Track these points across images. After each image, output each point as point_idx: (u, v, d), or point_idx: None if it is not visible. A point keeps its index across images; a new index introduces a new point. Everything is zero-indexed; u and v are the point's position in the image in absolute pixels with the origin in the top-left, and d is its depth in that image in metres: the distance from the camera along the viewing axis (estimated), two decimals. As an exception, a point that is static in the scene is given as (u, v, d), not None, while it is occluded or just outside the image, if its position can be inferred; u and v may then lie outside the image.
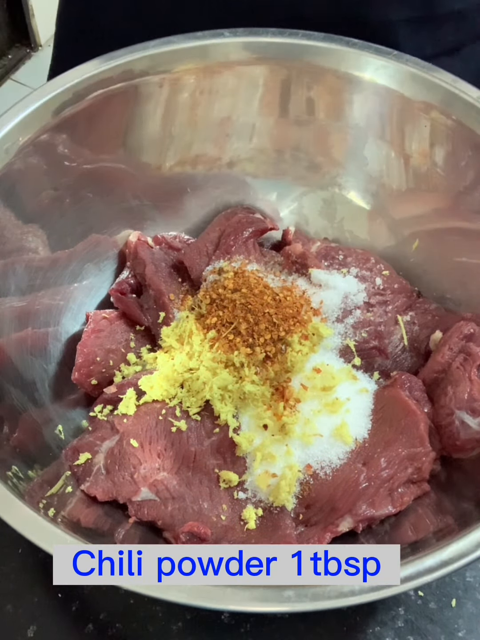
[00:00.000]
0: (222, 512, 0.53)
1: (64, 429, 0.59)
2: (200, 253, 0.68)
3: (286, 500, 0.53)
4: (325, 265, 0.67)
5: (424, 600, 0.53)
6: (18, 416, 0.55)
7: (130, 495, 0.53)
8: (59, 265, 0.64)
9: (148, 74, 0.62)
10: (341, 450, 0.55)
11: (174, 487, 0.54)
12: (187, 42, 0.62)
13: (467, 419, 0.54)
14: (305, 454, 0.55)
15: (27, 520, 0.43)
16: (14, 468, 0.50)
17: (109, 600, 0.54)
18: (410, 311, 0.65)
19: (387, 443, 0.54)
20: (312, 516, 0.53)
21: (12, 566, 0.55)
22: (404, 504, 0.53)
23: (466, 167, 0.61)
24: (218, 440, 0.56)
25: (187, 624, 0.53)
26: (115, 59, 0.60)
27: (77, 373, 0.62)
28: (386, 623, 0.53)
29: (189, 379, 0.58)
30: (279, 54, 0.63)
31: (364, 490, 0.52)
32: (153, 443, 0.56)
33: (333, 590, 0.40)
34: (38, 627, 0.53)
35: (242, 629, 0.52)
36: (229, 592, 0.40)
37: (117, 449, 0.55)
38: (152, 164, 0.68)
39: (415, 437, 0.54)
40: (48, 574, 0.55)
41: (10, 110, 0.57)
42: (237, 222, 0.68)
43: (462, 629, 0.52)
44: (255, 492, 0.55)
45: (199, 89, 0.64)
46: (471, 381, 0.55)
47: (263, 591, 0.40)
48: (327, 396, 0.57)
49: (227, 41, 0.62)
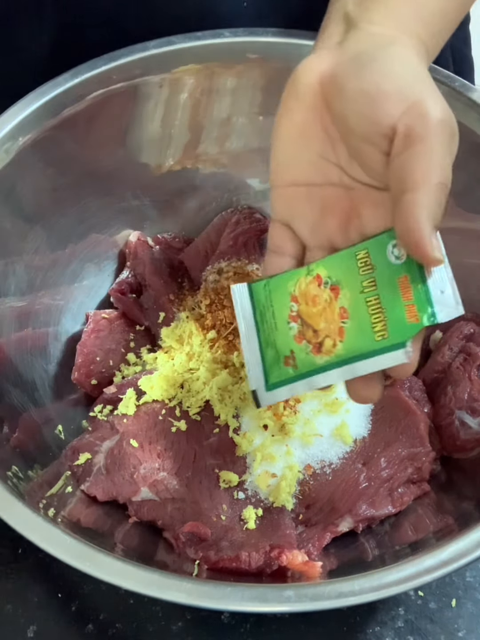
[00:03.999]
0: (222, 512, 0.53)
1: (64, 429, 0.59)
2: (200, 253, 0.68)
3: (286, 500, 0.53)
4: (325, 265, 0.67)
5: (424, 600, 0.53)
6: (18, 416, 0.55)
7: (130, 495, 0.53)
8: (59, 265, 0.64)
9: (148, 74, 0.62)
10: (341, 450, 0.55)
11: (174, 487, 0.54)
12: (187, 42, 0.62)
13: (467, 419, 0.54)
14: (305, 454, 0.55)
15: (27, 520, 0.43)
16: (14, 468, 0.50)
17: (109, 600, 0.54)
18: (410, 311, 0.65)
19: (387, 443, 0.54)
20: (312, 516, 0.53)
21: (12, 566, 0.55)
22: (404, 504, 0.53)
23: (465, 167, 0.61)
24: (218, 441, 0.56)
25: (187, 624, 0.53)
26: (115, 59, 0.60)
27: (77, 373, 0.62)
28: (386, 623, 0.53)
29: (189, 379, 0.58)
30: (279, 54, 0.63)
31: (364, 490, 0.52)
32: (153, 443, 0.56)
33: (333, 590, 0.40)
34: (38, 627, 0.53)
35: (242, 629, 0.52)
36: (229, 592, 0.40)
37: (117, 449, 0.55)
38: (152, 164, 0.68)
39: (415, 437, 0.54)
40: (48, 574, 0.55)
41: (10, 110, 0.57)
42: (237, 222, 0.68)
43: (462, 629, 0.52)
44: (255, 492, 0.55)
45: (199, 89, 0.64)
46: (471, 381, 0.55)
47: (263, 591, 0.40)
48: (326, 396, 0.57)
49: (227, 41, 0.62)
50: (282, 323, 0.42)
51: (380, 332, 0.38)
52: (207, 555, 0.49)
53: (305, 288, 0.42)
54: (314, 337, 0.41)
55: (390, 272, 0.39)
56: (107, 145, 0.64)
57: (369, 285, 0.40)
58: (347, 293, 0.40)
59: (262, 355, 0.43)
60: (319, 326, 0.41)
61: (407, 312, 0.38)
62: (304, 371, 0.41)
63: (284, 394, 0.42)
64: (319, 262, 0.42)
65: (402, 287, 0.38)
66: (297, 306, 0.42)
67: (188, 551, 0.51)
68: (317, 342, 0.41)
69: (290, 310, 0.42)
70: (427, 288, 0.38)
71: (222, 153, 0.69)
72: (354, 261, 0.40)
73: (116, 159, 0.65)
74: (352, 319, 0.40)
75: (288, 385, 0.41)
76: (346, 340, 0.40)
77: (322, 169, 0.43)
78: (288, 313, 0.42)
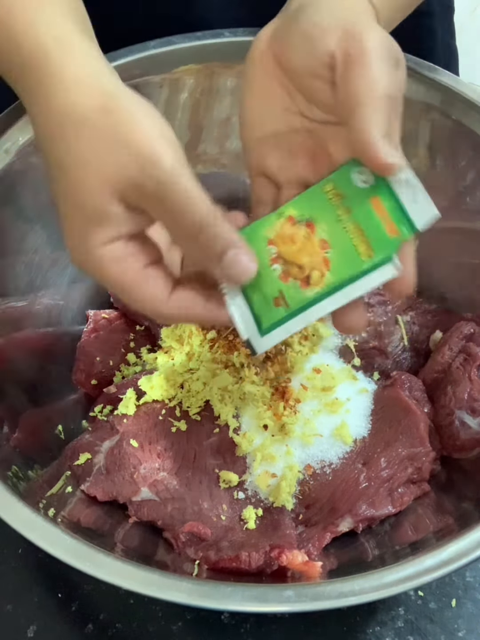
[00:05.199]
0: (222, 512, 0.53)
1: (64, 429, 0.59)
2: (200, 253, 0.68)
3: (286, 500, 0.53)
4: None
5: (424, 600, 0.53)
6: (18, 416, 0.55)
7: (130, 495, 0.53)
8: (58, 265, 0.64)
9: (148, 74, 0.62)
10: (341, 450, 0.55)
11: (174, 487, 0.54)
12: (187, 42, 0.62)
13: (467, 419, 0.54)
14: (305, 454, 0.55)
15: (27, 520, 0.43)
16: (14, 468, 0.50)
17: (109, 600, 0.54)
18: (410, 311, 0.65)
19: (387, 443, 0.54)
20: (312, 516, 0.53)
21: (12, 566, 0.55)
22: (404, 504, 0.53)
23: (466, 167, 0.61)
24: (218, 441, 0.56)
25: (187, 624, 0.53)
26: (115, 59, 0.60)
27: (77, 373, 0.62)
28: (386, 623, 0.53)
29: (189, 379, 0.58)
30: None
31: (364, 490, 0.52)
32: (153, 443, 0.56)
33: (333, 590, 0.40)
34: (38, 627, 0.53)
35: (242, 629, 0.52)
36: (229, 592, 0.40)
37: (117, 449, 0.55)
38: (152, 164, 0.68)
39: (415, 437, 0.54)
40: (48, 574, 0.55)
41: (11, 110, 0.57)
42: (237, 222, 0.68)
43: (462, 629, 0.52)
44: (255, 492, 0.55)
45: (199, 89, 0.64)
46: (471, 381, 0.55)
47: (263, 591, 0.40)
48: (327, 396, 0.57)
49: (227, 41, 0.62)
50: (264, 268, 0.42)
51: (365, 253, 0.40)
52: (207, 555, 0.49)
53: (280, 230, 0.42)
54: (300, 272, 0.41)
55: (361, 197, 0.41)
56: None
57: (344, 213, 0.41)
58: (323, 225, 0.41)
59: (250, 304, 0.42)
60: (302, 261, 0.41)
61: (387, 228, 0.40)
62: (295, 308, 0.41)
63: (280, 335, 0.42)
64: (288, 204, 0.43)
65: (376, 207, 0.40)
66: (276, 248, 0.42)
67: (188, 551, 0.51)
68: (304, 276, 0.41)
69: (269, 254, 0.42)
70: (399, 201, 0.39)
71: (222, 153, 0.69)
72: (322, 195, 0.42)
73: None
74: (334, 247, 0.41)
75: (282, 326, 0.42)
76: (333, 268, 0.41)
77: (286, 120, 0.45)
78: (269, 257, 0.42)
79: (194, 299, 0.41)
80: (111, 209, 0.38)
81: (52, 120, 0.38)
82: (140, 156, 0.37)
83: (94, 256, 0.39)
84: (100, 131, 0.37)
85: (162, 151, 0.37)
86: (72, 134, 0.37)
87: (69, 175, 0.38)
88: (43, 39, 0.39)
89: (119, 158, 0.37)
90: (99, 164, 0.37)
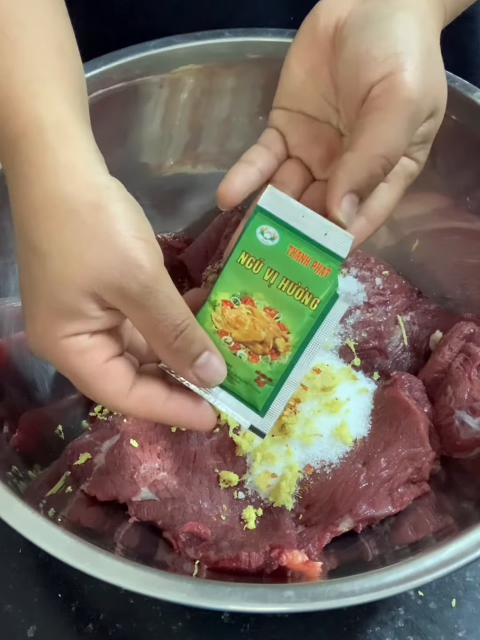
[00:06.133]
0: (222, 512, 0.53)
1: (64, 429, 0.59)
2: (200, 253, 0.68)
3: (286, 500, 0.53)
4: (325, 265, 0.67)
5: (424, 600, 0.53)
6: (18, 416, 0.55)
7: (130, 495, 0.53)
8: (59, 265, 0.64)
9: (148, 74, 0.62)
10: (341, 450, 0.55)
11: (174, 487, 0.54)
12: (187, 42, 0.62)
13: (467, 419, 0.54)
14: (305, 454, 0.55)
15: (27, 520, 0.43)
16: (14, 468, 0.50)
17: (109, 600, 0.54)
18: (410, 311, 0.65)
19: (387, 443, 0.54)
20: (312, 516, 0.53)
21: (12, 566, 0.55)
22: (404, 504, 0.53)
23: (466, 167, 0.61)
24: (218, 440, 0.56)
25: (187, 624, 0.53)
26: (115, 59, 0.60)
27: (77, 373, 0.62)
28: (386, 623, 0.53)
29: (189, 379, 0.58)
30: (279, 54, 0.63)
31: (364, 490, 0.52)
32: (153, 443, 0.56)
33: (333, 590, 0.40)
34: (38, 627, 0.53)
35: (242, 629, 0.52)
36: (229, 592, 0.40)
37: (117, 449, 0.55)
38: (152, 164, 0.68)
39: (415, 437, 0.54)
40: (48, 574, 0.55)
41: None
42: (237, 222, 0.68)
43: (462, 629, 0.52)
44: (255, 492, 0.55)
45: (199, 89, 0.64)
46: (471, 381, 0.55)
47: (263, 591, 0.40)
48: (327, 396, 0.57)
49: (227, 41, 0.62)
50: (230, 359, 0.42)
51: (311, 301, 0.41)
52: (207, 555, 0.49)
53: (222, 318, 0.42)
54: (265, 347, 0.42)
55: (276, 254, 0.41)
56: (107, 145, 0.64)
57: (270, 275, 0.41)
58: (259, 294, 0.41)
59: (237, 395, 0.43)
60: (261, 337, 0.42)
61: (316, 270, 0.41)
62: (278, 379, 0.42)
63: (279, 407, 0.43)
64: (213, 291, 0.42)
65: (295, 256, 0.41)
66: (230, 337, 0.42)
67: (188, 551, 0.51)
68: (270, 348, 0.42)
69: (227, 344, 0.42)
70: (312, 242, 0.41)
71: (222, 153, 0.69)
72: (241, 268, 0.42)
73: (116, 159, 0.65)
74: (281, 310, 0.41)
75: (276, 398, 0.42)
76: (291, 329, 0.41)
77: (322, 109, 0.46)
78: (228, 348, 0.42)
79: (156, 396, 0.40)
80: (86, 306, 0.37)
81: (37, 202, 0.36)
82: (127, 259, 0.36)
83: (57, 347, 0.38)
84: (87, 227, 0.36)
85: (147, 256, 0.36)
86: (56, 221, 0.36)
87: (46, 264, 0.37)
88: (41, 116, 0.37)
89: (104, 257, 0.35)
90: (83, 259, 0.36)
